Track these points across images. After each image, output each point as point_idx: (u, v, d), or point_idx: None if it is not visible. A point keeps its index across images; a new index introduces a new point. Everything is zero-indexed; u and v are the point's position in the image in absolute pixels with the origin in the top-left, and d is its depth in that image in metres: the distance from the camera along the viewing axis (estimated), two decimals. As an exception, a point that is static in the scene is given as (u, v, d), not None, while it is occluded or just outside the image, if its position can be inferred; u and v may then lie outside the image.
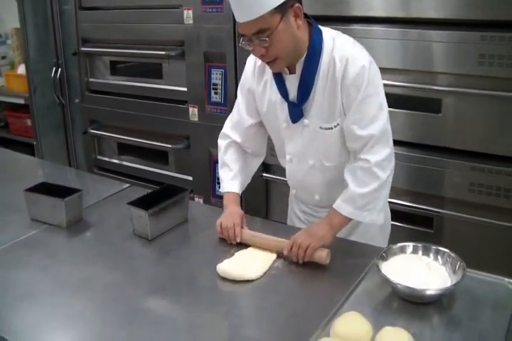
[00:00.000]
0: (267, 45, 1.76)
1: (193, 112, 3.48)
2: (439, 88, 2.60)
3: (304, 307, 1.67)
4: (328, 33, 1.90)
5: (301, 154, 2.06)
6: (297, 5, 1.77)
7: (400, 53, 2.67)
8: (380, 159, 1.86)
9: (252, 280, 1.79)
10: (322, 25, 1.92)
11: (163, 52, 3.51)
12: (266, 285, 1.79)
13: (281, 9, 1.73)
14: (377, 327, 1.48)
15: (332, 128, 1.93)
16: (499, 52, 2.39)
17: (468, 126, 2.59)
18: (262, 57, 1.83)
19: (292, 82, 1.93)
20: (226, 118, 2.23)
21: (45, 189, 2.25)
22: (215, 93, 3.36)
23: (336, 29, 1.94)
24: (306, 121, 1.96)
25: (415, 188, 2.78)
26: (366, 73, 1.81)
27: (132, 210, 2.09)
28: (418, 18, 2.59)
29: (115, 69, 4.02)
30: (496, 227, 2.59)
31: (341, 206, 1.91)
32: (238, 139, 2.18)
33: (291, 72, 1.92)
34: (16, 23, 4.40)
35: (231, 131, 2.19)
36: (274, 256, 1.92)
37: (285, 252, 1.88)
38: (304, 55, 1.87)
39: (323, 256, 1.84)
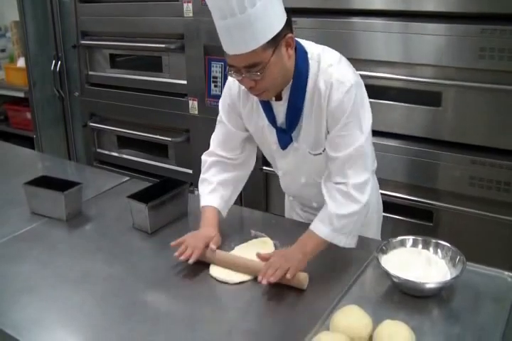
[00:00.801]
0: (258, 79, 1.68)
1: (193, 105, 3.47)
2: (439, 81, 2.59)
3: (304, 300, 1.67)
4: (313, 52, 1.80)
5: (293, 172, 2.04)
6: (290, 35, 1.68)
7: (399, 46, 2.66)
8: (358, 182, 1.78)
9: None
10: (322, 18, 1.90)
11: (163, 45, 3.49)
12: (266, 279, 1.79)
13: (274, 42, 1.63)
14: (377, 321, 1.47)
15: (321, 153, 1.89)
16: (500, 46, 2.37)
17: (468, 120, 2.58)
18: (250, 89, 1.74)
19: (280, 109, 1.86)
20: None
21: (44, 182, 2.25)
22: (215, 86, 3.35)
23: (335, 22, 1.91)
24: (295, 145, 1.92)
25: (415, 181, 2.78)
26: (349, 98, 1.73)
27: (132, 203, 2.08)
28: (418, 11, 2.57)
29: (115, 62, 4.01)
30: (496, 221, 2.58)
31: (317, 226, 1.82)
32: (227, 155, 2.06)
33: (277, 98, 1.84)
34: (16, 16, 4.38)
35: (218, 148, 2.07)
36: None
37: (259, 278, 1.69)
38: (290, 82, 1.79)
39: (300, 280, 1.72)
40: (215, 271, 1.81)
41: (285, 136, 1.91)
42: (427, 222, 2.83)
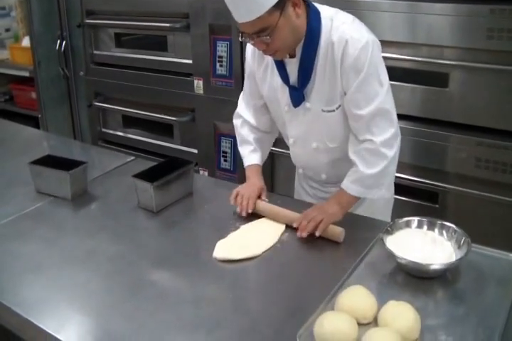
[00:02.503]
0: (268, 42, 1.72)
1: (198, 85, 3.45)
2: (447, 62, 2.57)
3: (309, 280, 1.67)
4: (326, 12, 1.83)
5: (304, 137, 2.04)
6: None
7: (406, 26, 2.63)
8: (386, 138, 1.82)
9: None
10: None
11: (168, 25, 3.46)
12: (270, 259, 1.79)
13: (279, 4, 1.66)
14: (381, 301, 1.47)
15: (334, 111, 1.89)
16: (509, 26, 2.34)
17: (475, 101, 2.56)
18: (263, 51, 1.79)
19: (293, 66, 1.88)
20: (231, 91, 2.22)
21: (50, 161, 2.24)
22: (221, 65, 3.33)
23: (340, 2, 1.90)
24: (307, 104, 1.93)
25: (421, 163, 2.77)
26: (366, 54, 1.75)
27: (137, 183, 2.08)
28: (426, -10, 2.54)
29: (120, 41, 3.98)
30: (502, 203, 2.57)
31: (349, 186, 1.90)
32: (250, 119, 2.17)
33: (291, 56, 1.87)
34: (20, -5, 4.36)
35: (244, 110, 2.19)
36: (280, 230, 1.91)
37: (295, 225, 1.86)
38: (303, 39, 1.81)
39: (337, 232, 1.83)
40: (219, 253, 1.80)
41: (297, 94, 1.92)
42: (432, 203, 2.82)
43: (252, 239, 1.85)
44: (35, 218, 2.08)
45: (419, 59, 2.63)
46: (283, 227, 1.93)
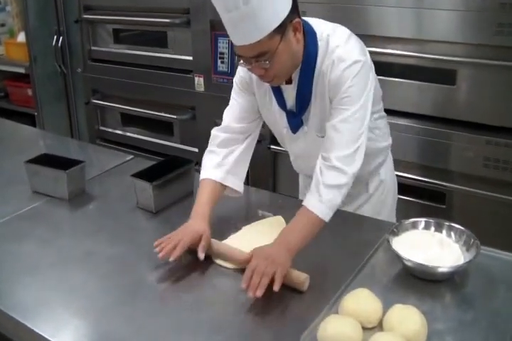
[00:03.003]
0: (267, 67, 1.68)
1: (199, 82, 3.45)
2: (454, 58, 2.57)
3: (312, 283, 1.66)
4: (322, 32, 1.78)
5: (306, 155, 2.03)
6: (297, 20, 1.66)
7: (412, 22, 2.63)
8: (341, 155, 1.73)
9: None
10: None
11: (168, 20, 3.46)
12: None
13: (280, 29, 1.62)
14: (387, 305, 1.47)
15: None
16: (518, 21, 2.34)
17: (483, 99, 2.56)
18: (260, 77, 1.75)
19: (289, 92, 1.86)
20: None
21: (46, 160, 2.24)
22: (222, 62, 3.33)
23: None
24: (305, 128, 1.92)
25: (427, 162, 2.76)
26: (351, 72, 1.71)
27: (136, 182, 2.08)
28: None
29: (118, 37, 3.98)
30: (511, 204, 2.57)
31: (308, 198, 1.76)
32: (242, 126, 2.00)
33: (288, 82, 1.84)
34: (16, -11, 4.36)
35: (234, 121, 2.00)
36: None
37: (244, 285, 1.56)
38: (300, 65, 1.78)
39: (300, 280, 1.63)
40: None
41: (295, 120, 1.91)
42: (439, 204, 2.82)
43: (251, 245, 1.82)
44: (31, 218, 2.08)
45: (426, 55, 2.63)
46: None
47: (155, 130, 3.97)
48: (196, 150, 3.67)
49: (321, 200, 1.72)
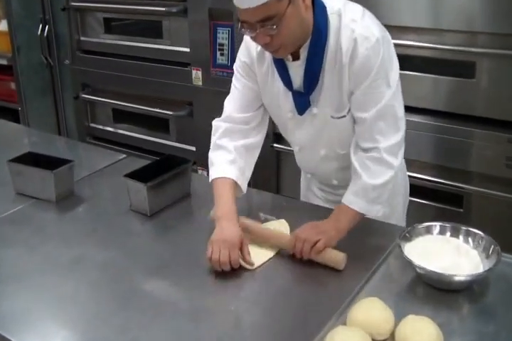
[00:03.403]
0: (273, 33, 1.67)
1: (197, 75, 3.45)
2: (473, 49, 2.57)
3: (318, 292, 1.67)
4: (333, 6, 1.79)
5: (312, 144, 2.03)
6: None
7: (428, 10, 2.63)
8: (390, 145, 1.81)
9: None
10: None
11: (163, 8, 3.47)
12: (275, 267, 1.80)
13: None
14: (399, 316, 1.47)
15: (345, 116, 1.88)
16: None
17: (505, 93, 2.56)
18: (265, 45, 1.75)
19: (296, 70, 1.86)
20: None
21: (31, 159, 2.25)
22: (221, 54, 3.34)
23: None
24: (314, 110, 1.91)
25: (443, 162, 2.77)
26: (376, 54, 1.74)
27: (129, 183, 2.09)
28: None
29: (110, 27, 3.99)
30: (534, 207, 2.58)
31: (352, 200, 1.85)
32: (245, 116, 2.03)
33: (295, 58, 1.84)
34: (-3, -27, 4.36)
35: (235, 110, 2.03)
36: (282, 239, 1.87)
37: (290, 251, 1.81)
38: (309, 39, 1.79)
39: (339, 260, 1.76)
40: None
41: (302, 100, 1.91)
42: (456, 207, 2.82)
43: (254, 250, 1.83)
44: (15, 222, 2.08)
45: (442, 46, 2.63)
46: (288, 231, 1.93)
47: (149, 127, 3.98)
48: (193, 148, 3.68)
49: (368, 201, 1.83)
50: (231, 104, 2.04)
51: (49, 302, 1.66)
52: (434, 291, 1.64)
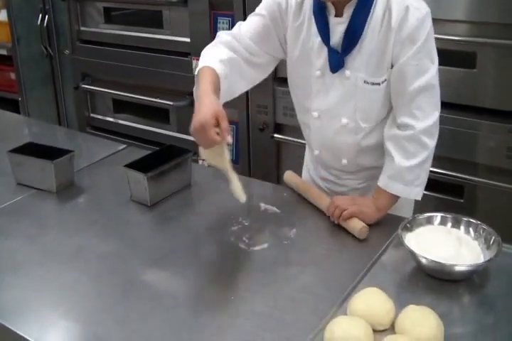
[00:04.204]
0: None
1: (197, 65, 3.42)
2: (474, 39, 2.56)
3: (319, 282, 1.67)
4: None
5: (334, 111, 1.98)
6: None
7: (428, 0, 2.60)
8: (428, 125, 1.83)
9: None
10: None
11: (164, -2, 3.46)
12: (276, 257, 1.80)
13: None
14: (400, 306, 1.47)
15: (379, 84, 1.86)
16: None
17: (506, 84, 2.55)
18: None
19: (337, 27, 1.85)
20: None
21: (32, 150, 2.24)
22: (222, 44, 3.32)
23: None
24: (347, 72, 1.88)
25: (445, 153, 2.75)
26: (425, 26, 1.76)
27: (129, 173, 2.08)
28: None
29: (110, 16, 3.98)
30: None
31: (388, 184, 1.89)
32: (253, 45, 1.95)
33: (338, 14, 1.84)
34: (-4, -37, 4.35)
35: (247, 33, 1.95)
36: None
37: (327, 213, 1.95)
38: None
39: (356, 227, 1.84)
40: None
41: (337, 59, 1.88)
42: (457, 197, 2.82)
43: None
44: (15, 213, 2.08)
45: (442, 36, 2.61)
46: None
47: (150, 117, 3.97)
48: (194, 139, 3.67)
49: (405, 184, 1.88)
50: (243, 27, 1.98)
51: (49, 292, 1.66)
52: (434, 281, 1.64)
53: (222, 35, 2.00)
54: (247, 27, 1.97)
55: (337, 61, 1.88)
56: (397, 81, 1.83)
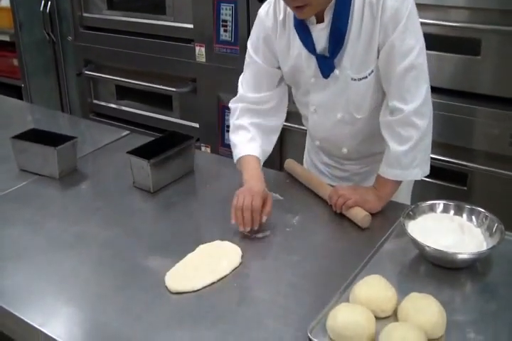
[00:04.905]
0: None
1: (200, 52, 3.43)
2: (478, 26, 2.54)
3: (321, 269, 1.67)
4: None
5: (329, 106, 2.01)
6: None
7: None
8: (417, 105, 1.82)
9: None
10: None
11: (167, -16, 3.44)
12: (279, 244, 1.80)
13: None
14: (402, 293, 1.47)
15: (366, 77, 1.88)
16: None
17: (510, 71, 2.54)
18: (293, 1, 1.75)
19: (320, 33, 1.86)
20: (236, 59, 2.19)
21: (35, 136, 2.24)
22: (225, 31, 3.31)
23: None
24: (336, 71, 1.91)
25: (448, 140, 2.75)
26: (406, 6, 1.76)
27: (132, 160, 2.08)
28: None
29: (112, 3, 3.95)
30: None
31: (386, 171, 1.90)
32: (259, 96, 2.07)
33: (319, 20, 1.85)
34: None
35: (249, 90, 2.08)
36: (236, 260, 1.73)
37: (329, 201, 1.95)
38: (333, 1, 1.80)
39: (359, 215, 1.84)
40: (170, 282, 1.63)
41: (327, 63, 1.90)
42: (460, 185, 2.81)
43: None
44: (18, 199, 2.08)
45: (447, 23, 2.60)
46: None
47: (152, 103, 3.96)
48: (197, 125, 3.67)
49: (402, 168, 1.88)
50: (243, 84, 2.09)
51: (51, 279, 1.66)
52: (437, 269, 1.63)
53: (232, 107, 2.12)
54: (247, 84, 2.09)
55: (327, 66, 1.91)
56: (385, 63, 1.84)
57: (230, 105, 2.14)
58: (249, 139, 2.04)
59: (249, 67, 2.07)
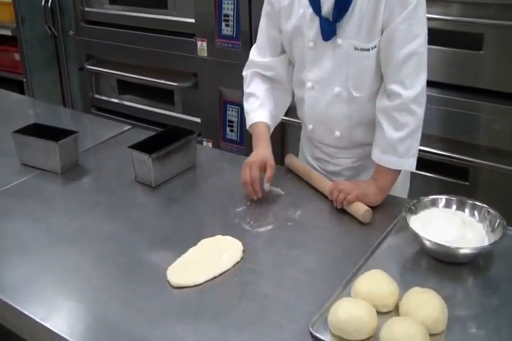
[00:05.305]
0: None
1: (202, 46, 3.42)
2: (481, 21, 2.53)
3: (323, 263, 1.67)
4: None
5: (327, 80, 1.99)
6: None
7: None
8: (416, 93, 1.82)
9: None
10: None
11: (168, -22, 3.43)
12: (281, 239, 1.79)
13: None
14: (404, 288, 1.47)
15: (369, 50, 1.86)
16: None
17: (513, 66, 2.54)
18: None
19: None
20: (238, 54, 2.19)
21: (36, 131, 2.24)
22: (227, 25, 3.30)
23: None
24: (339, 40, 1.89)
25: (450, 135, 2.75)
26: None
27: (134, 154, 2.08)
28: None
29: (114, -3, 3.95)
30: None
31: (382, 158, 1.90)
32: (266, 60, 2.13)
33: None
34: None
35: (257, 54, 2.15)
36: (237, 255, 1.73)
37: (329, 197, 1.94)
38: None
39: (360, 210, 1.84)
40: (172, 276, 1.63)
41: (329, 28, 1.89)
42: (462, 180, 2.81)
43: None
44: (19, 193, 2.08)
45: (449, 18, 2.59)
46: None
47: (154, 98, 3.96)
48: (198, 120, 3.67)
49: (398, 155, 1.89)
50: (253, 49, 2.18)
51: (54, 273, 1.66)
52: (438, 264, 1.63)
53: (244, 74, 2.20)
54: (255, 48, 2.17)
55: (329, 29, 1.89)
56: (387, 46, 1.83)
57: (242, 73, 2.21)
58: (258, 106, 2.11)
59: (259, 33, 2.14)
